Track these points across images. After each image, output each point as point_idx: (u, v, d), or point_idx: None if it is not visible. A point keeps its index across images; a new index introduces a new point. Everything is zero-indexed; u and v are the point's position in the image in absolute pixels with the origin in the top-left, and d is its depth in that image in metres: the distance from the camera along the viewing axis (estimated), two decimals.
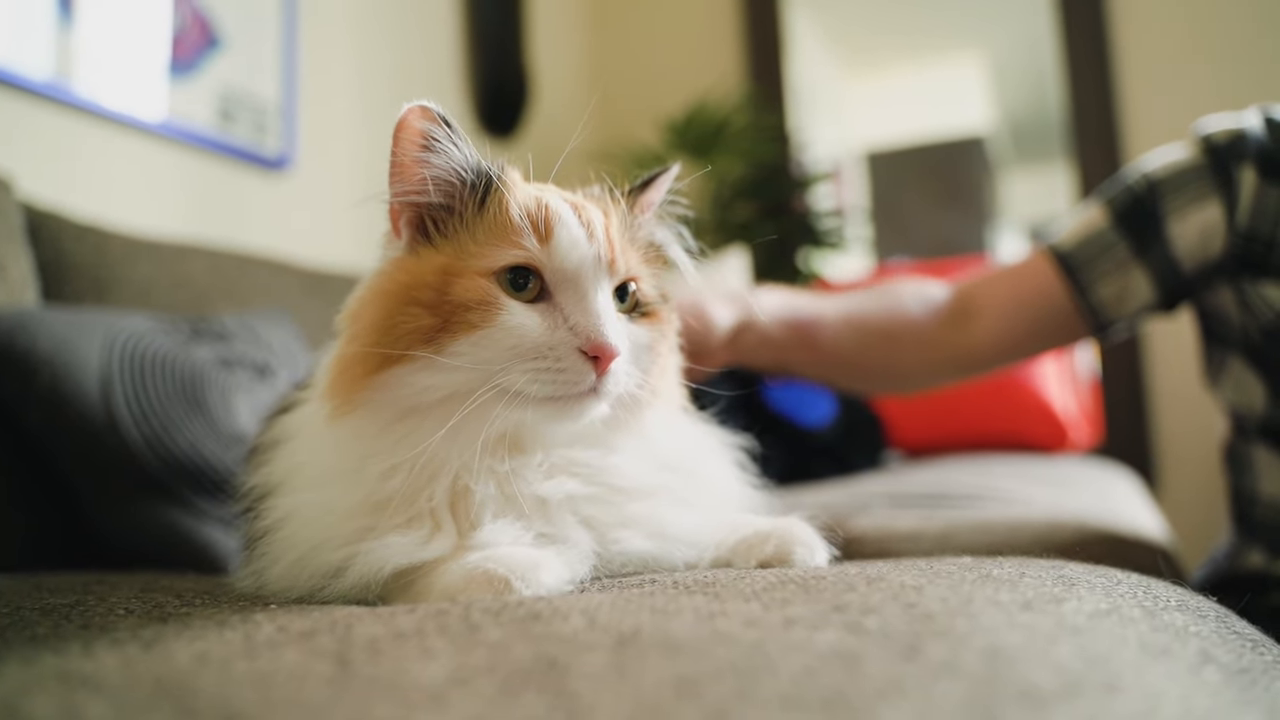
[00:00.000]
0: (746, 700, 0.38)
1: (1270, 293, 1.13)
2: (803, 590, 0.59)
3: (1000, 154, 4.31)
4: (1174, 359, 2.69)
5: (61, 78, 1.73)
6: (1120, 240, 1.23)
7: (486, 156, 0.74)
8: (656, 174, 0.82)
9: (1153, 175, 1.23)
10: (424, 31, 2.81)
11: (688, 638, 0.47)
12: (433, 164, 0.71)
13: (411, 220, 0.73)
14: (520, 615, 0.52)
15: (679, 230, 0.84)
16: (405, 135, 0.70)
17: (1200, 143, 1.21)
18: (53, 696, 0.41)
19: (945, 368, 1.33)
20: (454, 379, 0.68)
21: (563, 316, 0.70)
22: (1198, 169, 1.19)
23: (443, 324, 0.68)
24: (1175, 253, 1.20)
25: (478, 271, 0.70)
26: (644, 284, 0.77)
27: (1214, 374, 1.30)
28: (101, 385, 1.22)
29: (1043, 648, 0.47)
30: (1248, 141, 1.17)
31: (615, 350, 0.69)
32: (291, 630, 0.52)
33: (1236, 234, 1.15)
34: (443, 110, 0.70)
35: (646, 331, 0.76)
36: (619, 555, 0.72)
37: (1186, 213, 1.19)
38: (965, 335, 1.29)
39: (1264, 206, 1.14)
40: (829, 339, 1.26)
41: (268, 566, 0.73)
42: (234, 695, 0.40)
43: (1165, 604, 0.64)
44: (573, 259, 0.71)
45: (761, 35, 3.41)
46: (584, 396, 0.69)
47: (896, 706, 0.38)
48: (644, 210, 0.82)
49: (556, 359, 0.68)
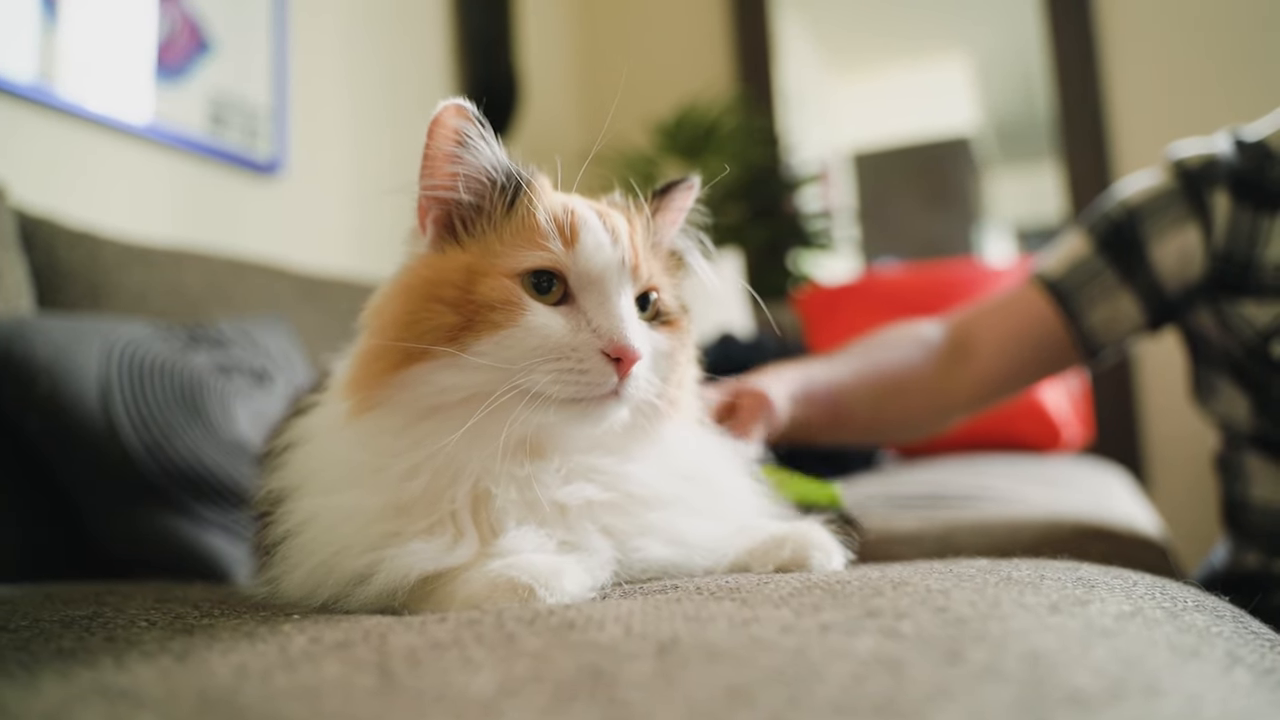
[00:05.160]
0: (799, 708, 0.39)
1: (1249, 311, 1.15)
2: (830, 595, 0.59)
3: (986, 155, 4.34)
4: (1162, 358, 2.71)
5: (46, 80, 1.71)
6: (1106, 267, 1.25)
7: (517, 161, 0.74)
8: (677, 182, 0.82)
9: (1129, 202, 1.25)
10: (414, 35, 2.81)
11: (727, 645, 0.47)
12: (464, 161, 0.72)
13: (439, 217, 0.74)
14: (555, 624, 0.52)
15: (699, 238, 0.84)
16: (439, 131, 0.70)
17: (1173, 168, 1.23)
18: (98, 712, 0.40)
19: (952, 410, 1.32)
20: (476, 378, 0.68)
21: (586, 319, 0.70)
22: (1172, 194, 1.22)
23: (466, 322, 0.68)
24: (1158, 276, 1.22)
25: (503, 272, 0.70)
26: (665, 294, 0.78)
27: (1203, 393, 1.32)
28: (100, 393, 1.21)
29: (1079, 651, 0.47)
30: (1219, 166, 1.19)
31: (637, 352, 0.69)
32: (325, 641, 0.52)
33: (1214, 256, 1.18)
34: (476, 110, 0.70)
35: (666, 340, 0.76)
36: (639, 562, 0.72)
37: (1166, 237, 1.21)
38: (965, 374, 1.29)
39: (1239, 228, 1.16)
40: (847, 407, 1.23)
41: (286, 573, 0.73)
42: (283, 710, 0.40)
43: (1184, 605, 0.65)
44: (597, 263, 0.71)
45: (750, 38, 3.42)
46: (605, 399, 0.70)
47: (947, 711, 0.39)
48: (666, 218, 0.82)
49: (579, 360, 0.68)
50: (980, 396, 1.31)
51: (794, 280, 3.19)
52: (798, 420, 1.17)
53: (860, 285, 2.73)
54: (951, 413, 1.33)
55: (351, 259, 2.42)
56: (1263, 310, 1.14)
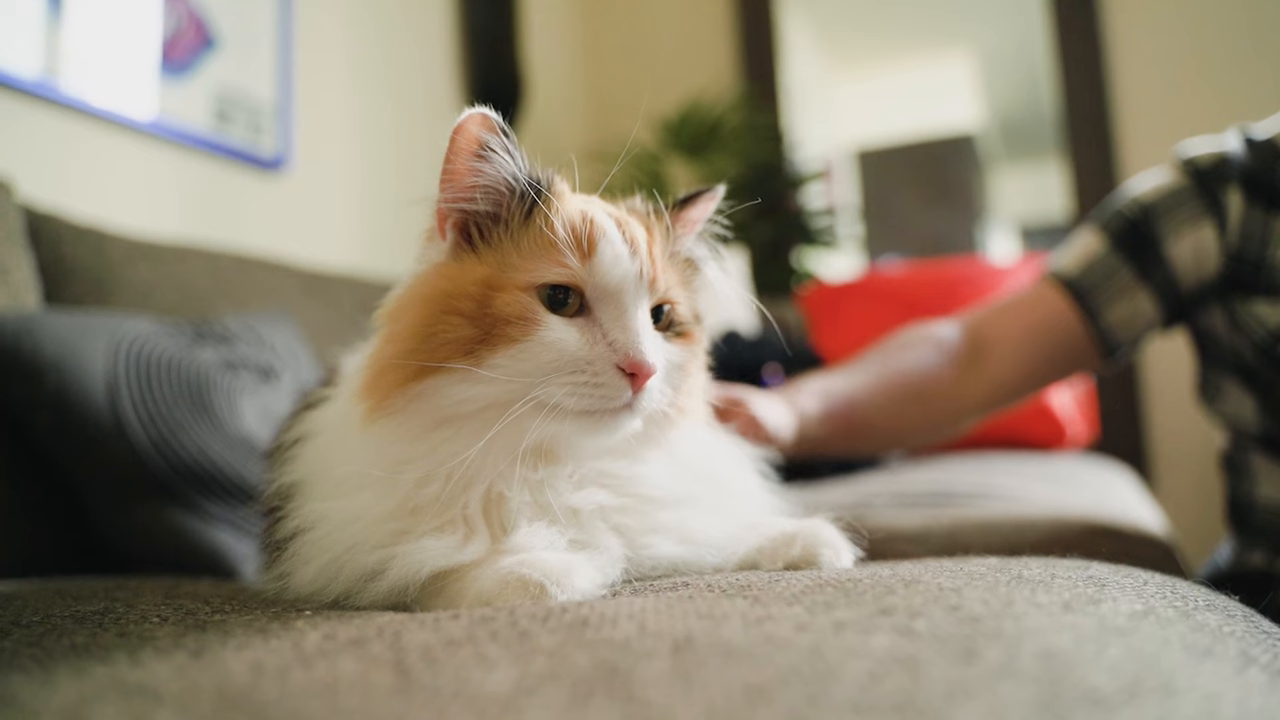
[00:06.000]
0: (818, 706, 0.39)
1: (1261, 310, 1.15)
2: (843, 593, 0.59)
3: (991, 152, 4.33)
4: (1167, 357, 2.71)
5: (51, 75, 1.71)
6: (1122, 264, 1.24)
7: (537, 167, 0.74)
8: (700, 192, 0.82)
9: (1143, 199, 1.25)
10: (418, 31, 2.80)
11: (742, 643, 0.47)
12: (485, 173, 0.71)
13: (457, 224, 0.73)
14: (568, 621, 0.52)
15: (716, 249, 0.84)
16: (461, 141, 0.70)
17: (1183, 166, 1.23)
18: (116, 707, 0.40)
19: (968, 412, 1.32)
20: (492, 391, 0.68)
21: (602, 332, 0.70)
22: (1186, 191, 1.21)
23: (483, 336, 0.68)
24: (1174, 273, 1.22)
25: (519, 285, 0.70)
26: (680, 306, 0.77)
27: (1209, 394, 1.32)
28: (108, 389, 1.21)
29: (1094, 650, 0.47)
30: (1231, 164, 1.19)
31: (652, 368, 0.69)
32: (339, 638, 0.52)
33: (1228, 254, 1.18)
34: (500, 119, 0.69)
35: (680, 351, 0.77)
36: (649, 560, 0.72)
37: (1182, 233, 1.21)
38: (982, 375, 1.29)
39: (1251, 228, 1.16)
40: (865, 419, 1.24)
41: (296, 569, 0.73)
42: (302, 708, 0.40)
43: (1195, 604, 0.65)
44: (614, 276, 0.71)
45: (754, 35, 3.41)
46: (619, 411, 0.70)
47: (966, 709, 0.39)
48: (685, 228, 0.82)
49: (594, 374, 0.69)
50: (997, 398, 1.30)
51: (798, 277, 3.19)
52: (813, 439, 1.18)
53: (864, 283, 2.73)
54: (968, 415, 1.33)
55: (356, 255, 2.42)
56: (1274, 310, 1.13)
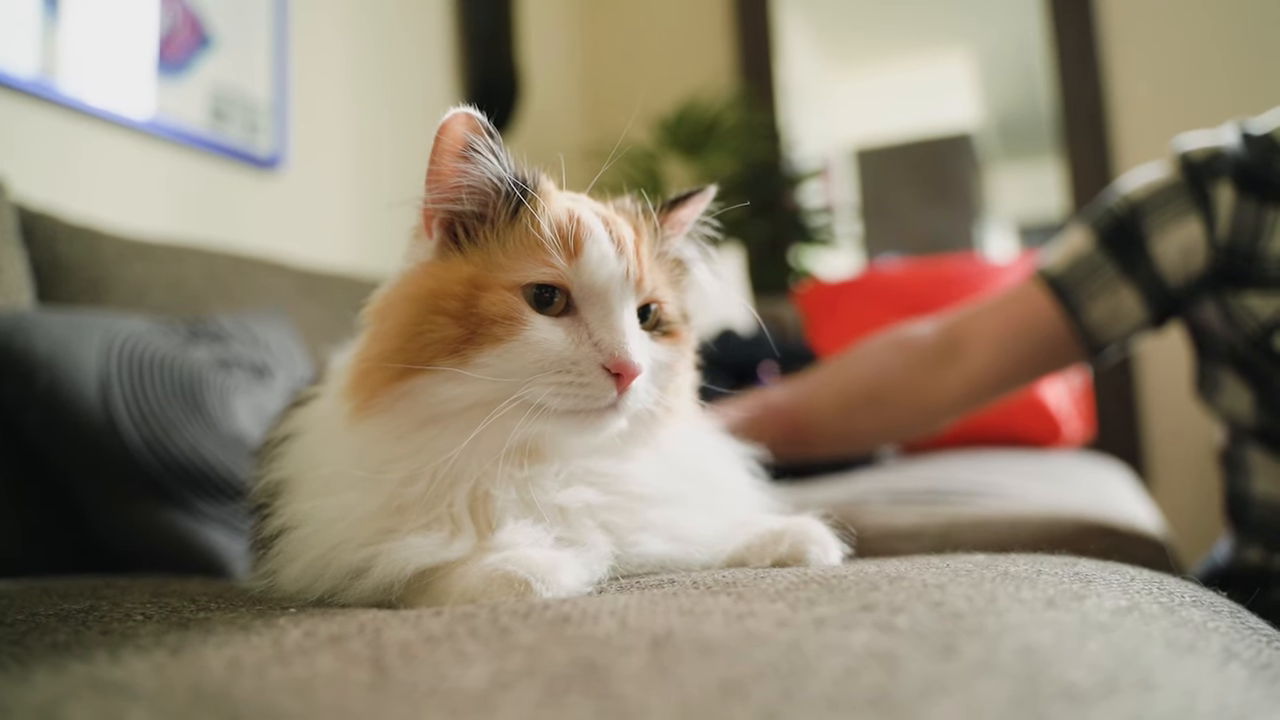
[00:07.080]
0: (792, 701, 0.39)
1: (1253, 302, 1.15)
2: (826, 590, 0.59)
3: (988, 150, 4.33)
4: (1163, 354, 2.71)
5: (47, 74, 1.71)
6: (1107, 261, 1.25)
7: (523, 166, 0.73)
8: (691, 193, 0.82)
9: (1132, 196, 1.25)
10: (415, 30, 2.80)
11: (722, 639, 0.47)
12: (469, 173, 0.71)
13: (443, 223, 0.73)
14: (549, 618, 0.52)
15: (706, 249, 0.84)
16: (446, 141, 0.70)
17: (1178, 160, 1.23)
18: (90, 705, 0.40)
19: (941, 411, 1.34)
20: (477, 390, 0.68)
21: (587, 332, 0.70)
22: (1175, 187, 1.22)
23: (469, 335, 0.68)
24: (1160, 270, 1.22)
25: (504, 285, 0.70)
26: (668, 305, 0.77)
27: (1206, 388, 1.32)
28: (100, 387, 1.21)
29: (1074, 646, 0.47)
30: (1224, 158, 1.19)
31: (638, 369, 0.69)
32: (320, 635, 0.52)
33: (1217, 248, 1.18)
34: (485, 119, 0.69)
35: (667, 350, 0.76)
36: (637, 557, 0.72)
37: (1167, 230, 1.21)
38: (954, 373, 1.30)
39: (1243, 220, 1.16)
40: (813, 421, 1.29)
41: (282, 567, 0.73)
42: (276, 703, 0.40)
43: (1181, 600, 0.65)
44: (600, 276, 0.70)
45: (751, 33, 3.41)
46: (604, 411, 0.70)
47: (941, 706, 0.39)
48: (675, 228, 0.82)
49: (580, 374, 0.68)
50: (972, 395, 1.31)
51: (795, 276, 3.19)
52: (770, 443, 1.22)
53: (861, 281, 2.72)
54: (941, 414, 1.34)
55: (351, 254, 2.42)
56: (1266, 302, 1.13)
